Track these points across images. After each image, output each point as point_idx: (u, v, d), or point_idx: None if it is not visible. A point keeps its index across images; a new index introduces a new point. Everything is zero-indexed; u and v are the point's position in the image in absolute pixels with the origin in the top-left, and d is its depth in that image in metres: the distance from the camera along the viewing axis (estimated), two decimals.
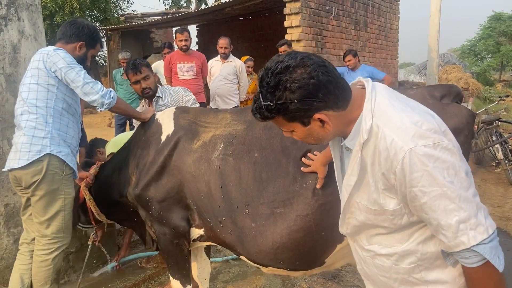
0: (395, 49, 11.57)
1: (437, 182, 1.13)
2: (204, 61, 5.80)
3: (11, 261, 3.06)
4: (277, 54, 1.26)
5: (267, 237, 2.20)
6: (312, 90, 1.18)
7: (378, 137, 1.21)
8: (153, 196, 2.56)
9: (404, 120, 1.18)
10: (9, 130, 3.07)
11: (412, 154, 1.13)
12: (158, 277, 3.74)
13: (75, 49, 2.75)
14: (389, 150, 1.18)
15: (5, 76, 3.13)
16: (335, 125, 1.26)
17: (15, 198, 3.16)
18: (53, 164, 2.55)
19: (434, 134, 1.15)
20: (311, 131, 1.28)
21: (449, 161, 1.14)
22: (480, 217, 1.14)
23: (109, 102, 2.62)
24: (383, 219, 1.29)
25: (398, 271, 1.34)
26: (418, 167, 1.13)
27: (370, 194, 1.29)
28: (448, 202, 1.13)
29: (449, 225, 1.14)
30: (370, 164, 1.25)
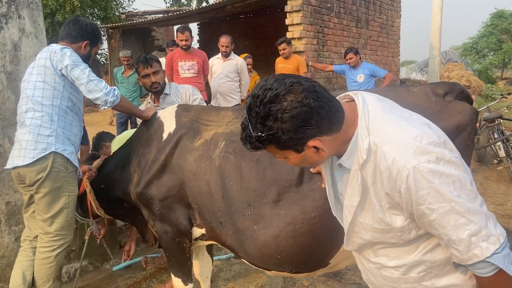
0: (397, 47, 11.55)
1: (445, 198, 1.10)
2: (206, 59, 5.79)
3: (12, 259, 3.06)
4: (264, 78, 1.21)
5: (270, 240, 2.11)
6: (304, 118, 1.13)
7: (378, 156, 1.17)
8: (154, 195, 2.56)
9: (403, 136, 1.15)
10: (10, 128, 3.06)
11: (416, 172, 1.11)
12: (159, 275, 3.73)
13: (80, 48, 2.78)
14: (391, 169, 1.14)
15: (6, 74, 3.12)
16: (330, 148, 1.23)
17: (16, 196, 3.15)
18: (58, 161, 2.56)
19: (435, 148, 1.12)
20: (305, 157, 1.24)
21: (454, 175, 1.11)
22: (490, 227, 1.12)
23: (113, 100, 2.62)
24: (391, 236, 1.27)
25: (408, 280, 1.32)
26: (424, 184, 1.11)
27: (374, 214, 1.26)
28: (457, 217, 1.11)
29: (461, 240, 1.12)
30: (371, 183, 1.22)
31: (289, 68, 6.72)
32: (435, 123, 1.88)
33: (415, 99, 1.98)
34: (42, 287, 2.63)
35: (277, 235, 2.09)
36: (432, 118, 1.90)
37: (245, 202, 2.20)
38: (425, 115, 1.91)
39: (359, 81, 6.47)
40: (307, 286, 3.44)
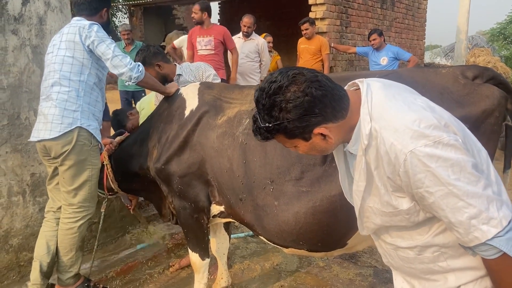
0: (423, 30, 11.25)
1: (442, 182, 1.11)
2: (226, 34, 5.53)
3: (36, 229, 3.15)
4: (270, 73, 1.26)
5: (289, 216, 2.14)
6: (307, 107, 1.19)
7: (378, 141, 1.20)
8: (174, 171, 2.58)
9: (401, 121, 1.17)
10: (35, 101, 3.12)
11: (413, 156, 1.12)
12: (177, 250, 3.81)
13: (101, 17, 2.80)
14: (390, 154, 1.17)
15: (32, 47, 3.16)
16: (337, 135, 1.27)
17: (40, 168, 3.23)
18: (83, 135, 2.61)
19: (433, 131, 1.13)
20: (313, 145, 1.29)
21: (452, 158, 1.11)
22: (492, 210, 1.11)
23: (137, 76, 2.64)
24: (400, 219, 1.29)
25: (423, 260, 1.33)
26: (420, 168, 1.12)
27: (381, 197, 1.28)
28: (456, 200, 1.12)
29: (460, 222, 1.13)
30: (374, 168, 1.25)
31: (311, 49, 6.62)
32: (462, 107, 1.86)
33: (443, 81, 1.93)
34: (65, 257, 2.71)
35: (297, 212, 2.12)
36: (459, 102, 1.87)
37: (268, 178, 2.22)
38: (452, 98, 1.89)
39: (382, 64, 6.34)
40: (323, 266, 3.46)
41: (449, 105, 1.85)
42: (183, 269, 3.49)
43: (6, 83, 3.02)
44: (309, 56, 6.64)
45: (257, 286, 3.25)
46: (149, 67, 3.03)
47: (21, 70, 3.11)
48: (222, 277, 3.15)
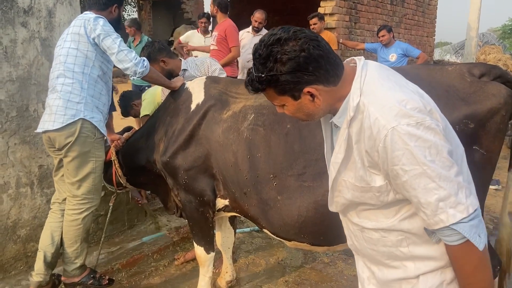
0: (433, 27, 11.13)
1: (418, 161, 1.14)
2: (228, 29, 5.31)
3: (43, 220, 3.18)
4: (272, 28, 1.27)
5: (292, 210, 2.18)
6: (302, 62, 1.18)
7: (364, 115, 1.22)
8: (180, 164, 2.60)
9: (389, 99, 1.19)
10: (43, 93, 3.14)
11: (394, 132, 1.14)
12: (183, 243, 3.84)
13: (111, 13, 2.80)
14: (372, 128, 1.18)
15: (41, 40, 3.19)
16: (325, 100, 1.26)
17: (48, 160, 3.26)
18: (86, 127, 2.62)
19: (417, 113, 1.15)
20: (301, 106, 1.28)
21: (431, 141, 1.14)
22: (460, 196, 1.15)
23: (142, 71, 2.65)
24: (370, 197, 1.30)
25: (386, 243, 1.35)
26: (400, 145, 1.14)
27: (356, 171, 1.30)
28: (428, 180, 1.14)
29: (429, 203, 1.16)
30: (355, 141, 1.26)
31: None
32: (468, 105, 1.85)
33: (449, 79, 1.92)
34: (70, 248, 2.74)
35: (299, 206, 2.16)
36: (465, 99, 1.86)
37: (271, 173, 2.25)
38: (458, 95, 1.88)
39: (391, 61, 6.30)
40: (327, 262, 3.47)
41: (455, 102, 1.84)
42: (188, 263, 3.52)
43: (15, 75, 3.05)
44: None
45: (261, 281, 3.27)
46: (154, 62, 3.03)
47: (30, 63, 3.13)
48: (227, 271, 3.17)
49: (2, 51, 2.98)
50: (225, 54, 5.38)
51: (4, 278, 3.14)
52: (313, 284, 3.19)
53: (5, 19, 2.98)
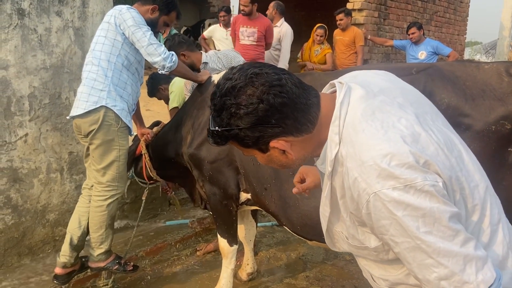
0: (464, 25, 10.86)
1: (409, 234, 0.93)
2: (269, 27, 5.57)
3: (71, 206, 3.28)
4: (231, 67, 1.09)
5: (312, 210, 2.12)
6: (262, 116, 1.00)
7: (343, 169, 1.02)
8: (205, 156, 2.62)
9: (370, 153, 0.96)
10: (75, 82, 3.22)
11: (377, 199, 0.94)
12: (204, 234, 3.88)
13: (147, 12, 2.79)
14: (352, 190, 1.00)
15: (74, 29, 3.25)
16: (299, 151, 1.08)
17: (78, 147, 3.35)
18: (109, 116, 2.66)
19: (405, 172, 0.92)
20: (271, 158, 1.11)
21: (425, 208, 0.92)
22: (468, 272, 0.92)
23: (170, 65, 2.67)
24: (367, 253, 1.14)
25: None
26: (385, 214, 0.94)
27: (347, 229, 1.13)
28: (424, 256, 0.94)
29: (428, 281, 0.96)
30: (340, 197, 1.08)
31: (345, 40, 6.51)
32: (505, 105, 1.79)
33: (485, 77, 1.87)
34: (95, 233, 2.80)
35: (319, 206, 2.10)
36: (503, 100, 1.81)
37: (291, 170, 2.21)
38: (495, 95, 1.83)
39: (420, 58, 6.18)
40: (349, 260, 3.45)
41: (491, 103, 1.79)
42: (209, 253, 3.55)
43: (49, 63, 3.13)
44: (343, 47, 6.54)
45: (282, 275, 3.28)
46: None
47: (64, 51, 3.21)
48: (248, 263, 3.19)
49: (37, 39, 3.06)
50: (262, 50, 5.61)
51: (33, 260, 3.24)
52: (334, 281, 3.18)
53: (40, 8, 3.05)
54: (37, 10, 3.04)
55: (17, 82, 2.99)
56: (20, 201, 3.12)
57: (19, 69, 2.99)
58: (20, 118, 3.04)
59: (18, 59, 2.98)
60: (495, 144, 1.75)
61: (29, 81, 3.05)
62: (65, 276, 2.80)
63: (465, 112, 1.77)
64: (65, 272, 2.79)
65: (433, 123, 1.07)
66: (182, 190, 3.99)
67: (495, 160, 1.74)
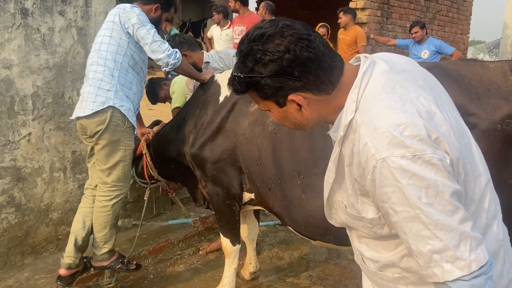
0: (467, 24, 10.83)
1: (410, 203, 0.94)
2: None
3: (75, 205, 3.28)
4: (262, 19, 1.11)
5: (317, 210, 2.11)
6: (286, 66, 1.01)
7: (355, 136, 1.03)
8: (208, 156, 2.61)
9: (384, 121, 0.98)
10: (78, 81, 3.22)
11: (384, 165, 0.95)
12: (207, 234, 3.88)
13: (151, 11, 2.80)
14: (361, 155, 1.00)
15: (77, 29, 3.26)
16: (316, 111, 1.10)
17: (81, 146, 3.35)
18: (116, 116, 2.66)
19: (416, 143, 0.94)
20: (287, 114, 1.12)
21: (429, 179, 0.93)
22: (462, 249, 0.93)
23: (174, 62, 2.67)
24: (362, 225, 1.14)
25: (383, 278, 1.20)
26: (390, 181, 0.96)
27: (348, 197, 1.14)
28: (421, 227, 0.95)
29: (421, 253, 0.96)
30: (347, 164, 1.09)
31: (347, 40, 6.50)
32: (510, 104, 1.78)
33: (490, 76, 1.86)
34: (99, 233, 2.80)
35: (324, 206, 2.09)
36: (508, 98, 1.80)
37: (295, 170, 2.21)
38: (500, 94, 1.82)
39: (423, 57, 6.16)
40: (352, 259, 3.44)
41: (497, 101, 1.78)
42: (212, 252, 3.55)
43: (52, 63, 3.14)
44: (345, 47, 6.53)
45: (285, 274, 3.28)
46: None
47: (67, 51, 3.21)
48: (250, 262, 3.19)
49: (40, 38, 3.06)
50: None
51: (36, 259, 3.25)
52: (336, 280, 3.18)
53: (43, 7, 3.06)
54: (40, 9, 3.04)
55: (21, 81, 3.00)
56: (23, 200, 3.13)
57: (23, 68, 2.99)
58: (23, 117, 3.04)
59: (21, 58, 2.98)
60: (500, 143, 1.74)
61: (32, 81, 3.05)
62: (69, 277, 2.80)
63: (471, 111, 1.76)
64: (69, 273, 2.79)
65: (448, 109, 1.11)
66: (184, 189, 4.00)
67: (501, 159, 1.73)
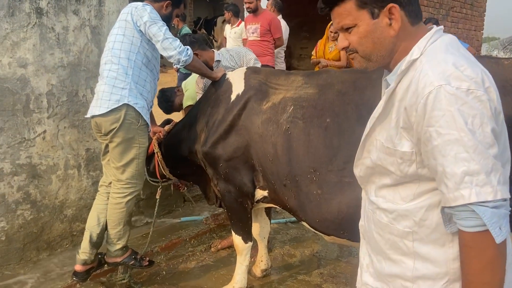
0: (481, 20, 10.67)
1: (457, 126, 1.02)
2: (273, 21, 5.59)
3: (89, 201, 3.34)
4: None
5: (332, 205, 2.16)
6: None
7: (415, 72, 1.14)
8: (220, 154, 2.63)
9: (448, 59, 1.09)
10: (92, 79, 3.27)
11: (441, 90, 1.04)
12: (219, 231, 3.90)
13: (162, 8, 2.83)
14: (419, 82, 1.10)
15: (91, 28, 3.30)
16: (399, 35, 1.19)
17: (95, 144, 3.40)
18: (130, 114, 2.69)
19: (473, 83, 1.04)
20: (375, 28, 1.18)
21: (477, 110, 1.02)
22: (492, 178, 1.01)
23: (185, 59, 2.69)
24: (392, 162, 1.21)
25: (392, 231, 1.26)
26: (442, 105, 1.04)
27: (388, 131, 1.22)
28: (461, 149, 1.02)
29: (454, 174, 1.03)
30: (399, 99, 1.17)
31: None
32: None
33: (506, 73, 1.85)
34: (113, 230, 2.84)
35: (339, 201, 2.13)
36: None
37: (311, 167, 2.23)
38: None
39: None
40: None
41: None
42: (223, 249, 3.58)
43: (66, 61, 3.18)
44: None
45: (296, 272, 3.28)
46: None
47: (80, 49, 3.26)
48: (262, 259, 3.20)
49: (54, 37, 3.11)
50: (269, 44, 5.60)
51: (51, 255, 3.30)
52: (348, 278, 3.18)
53: (58, 7, 3.10)
54: (54, 9, 3.08)
55: (36, 80, 3.05)
56: (38, 196, 3.18)
57: (38, 67, 3.04)
58: (38, 115, 3.09)
59: (36, 57, 3.03)
60: None
61: (47, 79, 3.10)
62: (84, 273, 2.84)
63: None
64: (85, 269, 2.84)
65: None
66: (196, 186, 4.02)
67: None
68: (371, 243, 1.37)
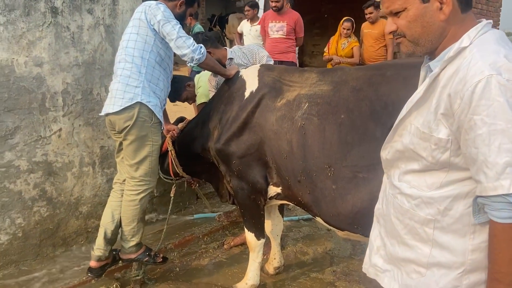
0: (497, 15, 10.49)
1: (505, 116, 1.03)
2: (298, 20, 5.66)
3: (103, 198, 3.37)
4: None
5: (347, 200, 2.18)
6: None
7: (464, 60, 1.13)
8: (233, 152, 2.64)
9: (499, 52, 1.09)
10: (106, 78, 3.30)
11: (491, 80, 1.04)
12: (231, 228, 3.92)
13: (176, 7, 2.85)
14: (468, 70, 1.09)
15: (105, 26, 3.33)
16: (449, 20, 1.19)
17: (109, 142, 3.43)
18: (143, 112, 2.71)
19: None
20: (425, 12, 1.19)
21: None
22: None
23: (199, 58, 2.70)
24: (425, 147, 1.21)
25: (413, 217, 1.26)
26: (491, 95, 1.04)
27: (426, 116, 1.21)
28: (505, 140, 1.03)
29: (496, 164, 1.04)
30: (442, 85, 1.17)
31: (375, 33, 6.39)
32: None
33: None
34: (127, 226, 2.87)
35: (354, 196, 2.15)
36: None
37: (326, 163, 2.25)
38: None
39: None
40: None
41: None
42: (236, 247, 3.59)
43: (81, 60, 3.22)
44: (372, 41, 6.43)
45: (309, 269, 3.28)
46: None
47: (95, 48, 3.29)
48: (275, 257, 3.20)
49: (69, 36, 3.14)
50: (292, 43, 5.70)
51: (66, 251, 3.35)
52: (361, 276, 3.16)
53: (72, 6, 3.13)
54: (69, 8, 3.12)
55: (51, 78, 3.09)
56: (54, 193, 3.23)
57: (53, 66, 3.08)
58: (54, 113, 3.14)
59: (51, 56, 3.07)
60: None
61: (62, 78, 3.14)
62: (99, 269, 2.88)
63: None
64: (99, 265, 2.87)
65: None
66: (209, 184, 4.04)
67: None
68: (387, 226, 1.38)
